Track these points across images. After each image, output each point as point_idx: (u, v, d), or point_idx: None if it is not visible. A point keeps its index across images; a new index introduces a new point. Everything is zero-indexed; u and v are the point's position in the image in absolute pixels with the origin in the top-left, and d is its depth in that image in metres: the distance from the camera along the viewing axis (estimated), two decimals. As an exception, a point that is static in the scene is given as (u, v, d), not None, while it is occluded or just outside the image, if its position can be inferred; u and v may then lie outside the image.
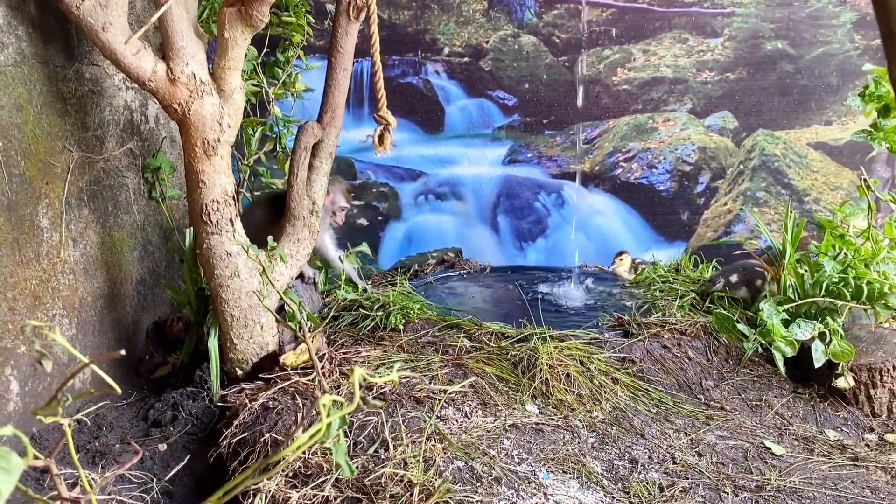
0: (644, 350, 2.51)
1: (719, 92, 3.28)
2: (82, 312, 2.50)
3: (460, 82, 3.37)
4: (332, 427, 0.84)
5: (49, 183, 2.32)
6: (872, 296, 2.37)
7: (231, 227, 2.41)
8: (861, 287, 2.36)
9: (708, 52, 3.23)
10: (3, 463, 0.63)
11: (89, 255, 2.54)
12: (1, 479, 0.63)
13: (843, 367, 2.32)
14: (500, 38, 3.29)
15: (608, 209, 3.48)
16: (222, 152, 2.39)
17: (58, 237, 2.37)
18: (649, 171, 3.42)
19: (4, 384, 2.11)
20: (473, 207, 3.53)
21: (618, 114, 3.36)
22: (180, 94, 2.27)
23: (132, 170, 2.85)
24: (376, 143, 2.36)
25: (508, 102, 3.39)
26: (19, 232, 2.18)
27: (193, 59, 2.29)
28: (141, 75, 2.23)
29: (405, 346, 2.46)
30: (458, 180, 3.49)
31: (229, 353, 2.47)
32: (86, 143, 2.53)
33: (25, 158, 2.21)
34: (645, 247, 3.49)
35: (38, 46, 2.29)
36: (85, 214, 2.52)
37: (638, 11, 3.21)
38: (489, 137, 3.44)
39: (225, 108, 2.37)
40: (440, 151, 3.43)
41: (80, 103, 2.51)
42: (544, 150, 3.43)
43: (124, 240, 2.78)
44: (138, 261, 2.88)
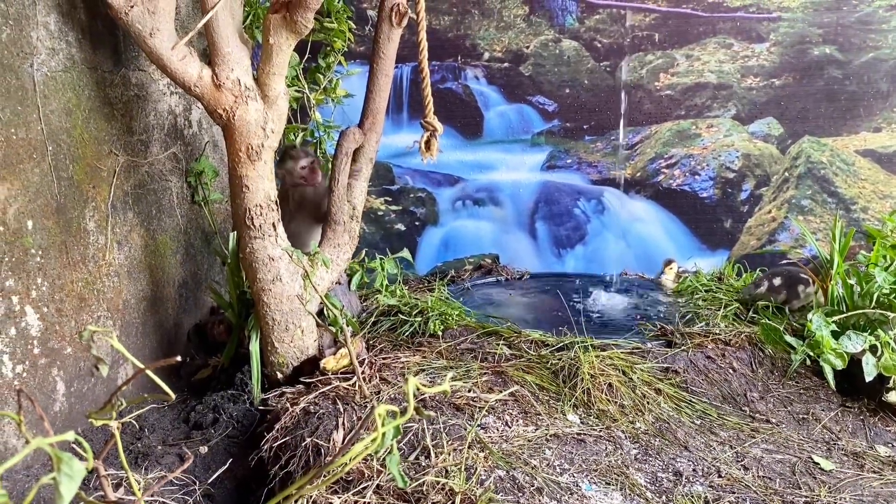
0: (687, 360, 2.47)
1: (764, 98, 3.22)
2: (126, 314, 2.53)
3: (500, 87, 3.35)
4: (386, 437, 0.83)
5: (96, 186, 2.36)
6: (927, 308, 2.30)
7: (274, 231, 2.42)
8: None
9: (753, 57, 3.18)
10: (66, 468, 0.63)
11: (133, 258, 2.58)
12: (64, 483, 0.63)
13: (895, 381, 2.25)
14: (541, 43, 3.27)
15: (649, 216, 3.43)
16: (266, 157, 2.40)
17: (104, 240, 2.40)
18: (692, 177, 3.37)
19: (51, 384, 2.15)
20: (511, 213, 3.51)
21: (660, 119, 3.32)
22: (225, 100, 2.29)
23: (176, 174, 2.88)
24: (423, 149, 2.36)
25: (548, 108, 3.36)
26: (67, 235, 2.21)
27: (238, 65, 2.30)
28: (187, 80, 2.26)
29: (444, 353, 2.44)
30: (496, 186, 3.47)
31: (270, 356, 2.48)
32: (131, 147, 2.56)
33: (74, 162, 2.25)
34: (687, 255, 3.44)
35: (87, 52, 2.33)
36: (130, 218, 2.56)
37: (681, 16, 3.16)
38: (528, 143, 3.41)
39: (269, 114, 2.38)
40: (478, 157, 3.41)
41: (127, 108, 2.54)
42: (584, 156, 3.40)
43: (167, 243, 2.82)
44: (181, 264, 2.92)
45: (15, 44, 2.00)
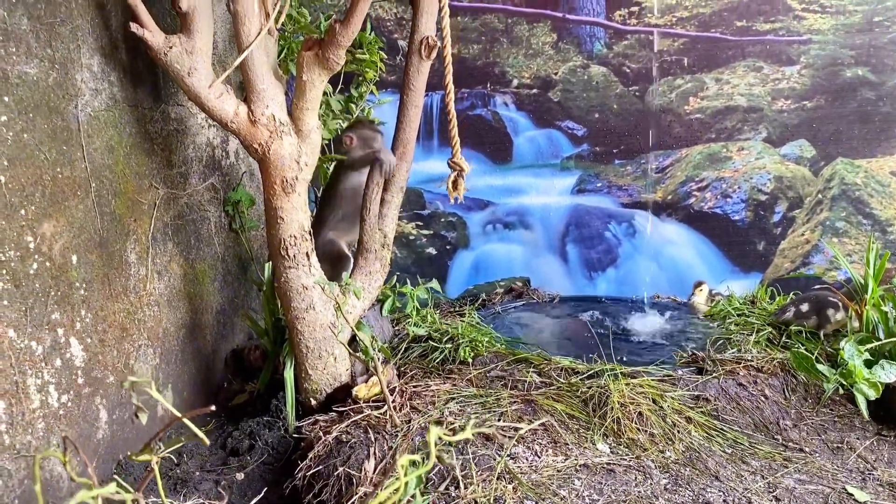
0: (719, 388, 2.46)
1: (796, 120, 3.20)
2: (165, 342, 2.61)
3: (529, 113, 3.39)
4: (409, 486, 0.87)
5: (137, 220, 2.45)
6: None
7: (307, 261, 2.48)
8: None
9: (783, 80, 3.17)
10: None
11: (173, 287, 2.66)
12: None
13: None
14: (570, 70, 3.30)
15: (681, 239, 3.43)
16: (300, 189, 2.47)
17: (144, 271, 2.49)
18: (723, 200, 3.36)
19: (94, 413, 2.23)
20: (542, 237, 3.53)
21: (690, 143, 3.32)
22: (261, 135, 2.36)
23: (214, 203, 2.97)
24: (450, 189, 2.40)
25: (577, 132, 3.38)
26: (109, 267, 2.30)
27: (273, 101, 2.38)
28: (224, 117, 2.34)
29: (474, 380, 2.47)
30: (526, 210, 3.50)
31: (304, 383, 2.54)
32: (171, 180, 2.65)
33: (116, 197, 2.33)
34: (720, 277, 3.42)
35: (129, 91, 2.42)
36: (169, 248, 2.64)
37: (710, 40, 3.17)
38: (558, 167, 3.44)
39: (303, 148, 2.45)
40: (508, 181, 3.45)
41: (166, 142, 2.63)
42: (614, 180, 3.41)
43: (206, 271, 2.90)
44: (218, 291, 2.99)
45: (60, 86, 2.09)
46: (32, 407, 1.97)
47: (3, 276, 1.87)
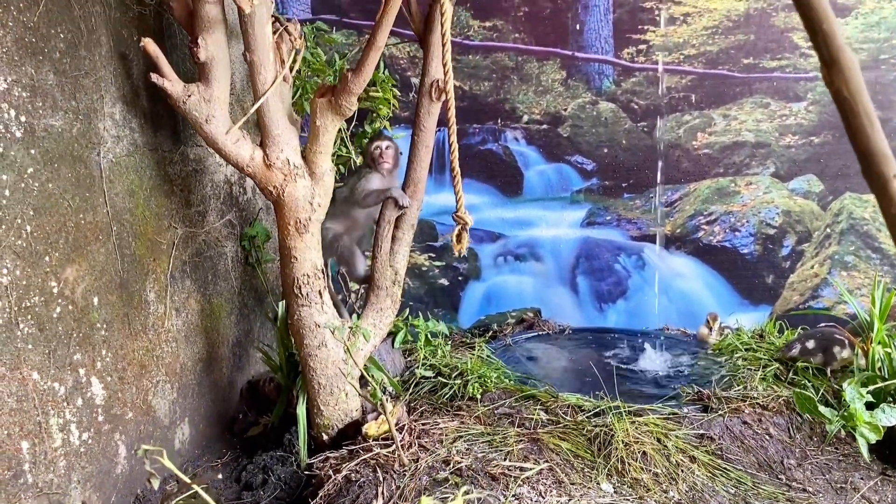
0: (723, 426, 2.49)
1: (803, 155, 3.23)
2: (183, 377, 2.69)
3: (539, 148, 3.45)
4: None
5: (156, 259, 2.53)
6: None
7: (320, 299, 2.55)
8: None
9: (791, 116, 3.20)
10: None
11: (190, 323, 2.74)
12: None
13: (936, 452, 2.24)
14: (579, 106, 3.36)
15: (690, 272, 3.46)
16: (313, 229, 2.54)
17: (163, 309, 2.57)
18: (732, 233, 3.39)
19: (114, 448, 2.30)
20: (552, 268, 3.58)
21: (699, 177, 3.36)
22: (275, 178, 2.44)
23: (231, 239, 3.05)
24: (454, 242, 2.45)
25: (587, 167, 3.44)
26: (129, 307, 2.38)
27: (287, 146, 2.46)
28: (240, 162, 2.42)
29: (482, 418, 2.52)
30: (536, 242, 3.55)
31: (316, 418, 2.60)
32: (189, 219, 2.74)
33: (136, 239, 2.42)
34: (729, 310, 3.45)
35: (149, 136, 2.51)
36: (187, 285, 2.72)
37: (717, 77, 3.22)
38: (567, 200, 3.49)
39: (316, 189, 2.53)
40: (519, 214, 3.51)
41: (185, 182, 2.72)
42: (624, 213, 3.46)
43: (222, 305, 2.98)
44: (234, 324, 3.07)
45: (84, 136, 2.19)
46: (55, 446, 2.05)
47: (28, 321, 1.95)
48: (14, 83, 1.91)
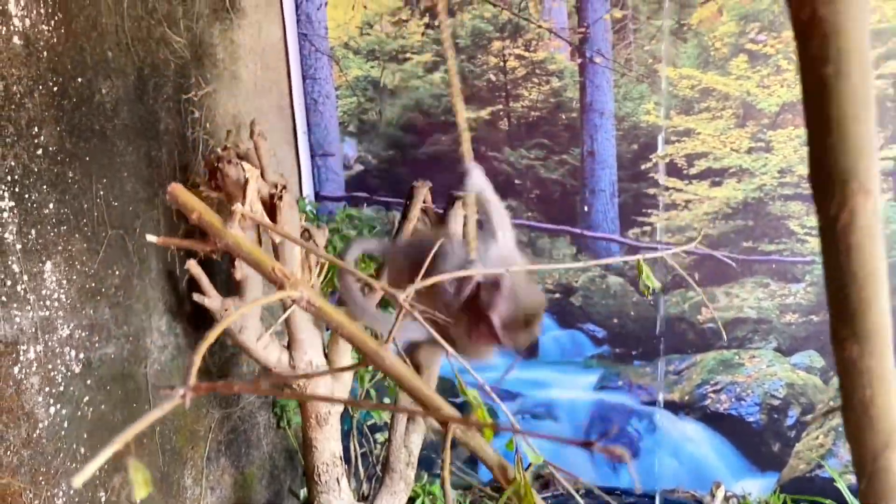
0: None
1: (804, 333, 3.39)
2: (215, 549, 2.95)
3: (553, 315, 3.68)
4: None
5: (194, 447, 2.83)
6: None
7: (338, 485, 2.80)
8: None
9: (790, 295, 3.37)
10: None
11: (223, 497, 3.01)
12: None
13: None
14: (589, 279, 3.60)
15: (699, 437, 3.60)
16: (332, 421, 2.81)
17: (199, 490, 2.85)
18: (738, 402, 3.53)
19: None
20: (568, 427, 3.77)
21: (704, 349, 3.53)
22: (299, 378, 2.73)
23: (264, 408, 3.34)
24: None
25: (598, 334, 3.65)
26: (168, 497, 2.67)
27: (312, 348, 2.75)
28: (269, 363, 2.72)
29: None
30: (552, 402, 3.75)
31: None
32: (226, 401, 3.04)
33: (176, 433, 2.72)
34: (737, 476, 3.57)
35: (191, 336, 2.84)
36: (222, 463, 3.01)
37: (718, 258, 3.42)
38: (581, 365, 3.70)
39: (335, 386, 2.81)
40: (536, 375, 3.72)
41: (223, 369, 3.03)
42: (634, 379, 3.64)
43: (254, 473, 3.25)
44: (265, 487, 3.34)
45: (133, 355, 2.51)
46: None
47: (78, 533, 2.25)
48: (75, 327, 2.25)
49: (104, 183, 2.40)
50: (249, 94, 3.27)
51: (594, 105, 3.43)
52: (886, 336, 0.73)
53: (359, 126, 3.68)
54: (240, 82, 3.20)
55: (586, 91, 3.46)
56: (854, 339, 0.73)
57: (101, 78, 2.39)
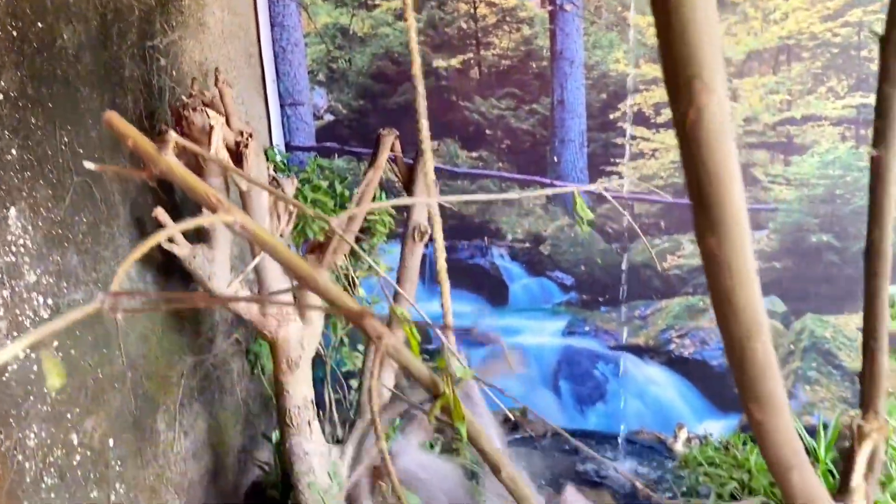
0: (670, 554, 2.74)
1: (767, 279, 3.47)
2: (190, 491, 3.02)
3: (522, 263, 3.74)
4: None
5: (166, 392, 2.87)
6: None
7: (309, 428, 2.87)
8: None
9: (754, 243, 3.45)
10: None
11: (198, 442, 3.07)
12: None
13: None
14: (558, 228, 3.65)
15: (663, 380, 3.71)
16: (303, 366, 2.86)
17: (172, 435, 2.91)
18: (702, 346, 3.63)
19: (125, 569, 2.64)
20: (537, 373, 3.86)
21: (669, 295, 3.61)
22: (270, 324, 2.77)
23: (237, 355, 3.39)
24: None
25: (566, 282, 3.72)
26: (141, 441, 2.72)
27: (282, 296, 2.79)
28: (238, 311, 2.75)
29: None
30: (521, 348, 3.83)
31: (308, 532, 2.92)
32: (198, 348, 3.08)
33: (148, 379, 2.77)
34: (700, 417, 3.69)
35: (161, 283, 2.86)
36: (195, 408, 3.06)
37: (685, 206, 3.48)
38: (549, 312, 3.77)
39: (306, 331, 2.85)
40: (505, 322, 3.79)
41: (195, 316, 3.07)
42: (601, 325, 3.72)
43: (228, 418, 3.31)
44: (240, 433, 3.41)
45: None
46: (72, 577, 2.39)
47: (52, 474, 2.30)
48: (42, 273, 2.27)
49: (68, 130, 2.39)
50: (216, 42, 3.24)
51: (564, 53, 3.43)
52: (742, 230, 0.77)
53: (328, 75, 3.66)
54: (206, 29, 3.17)
55: (556, 39, 3.46)
56: (712, 232, 0.77)
57: (63, 23, 2.36)
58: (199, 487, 3.07)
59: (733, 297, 0.81)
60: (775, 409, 0.94)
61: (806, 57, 3.24)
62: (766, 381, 0.90)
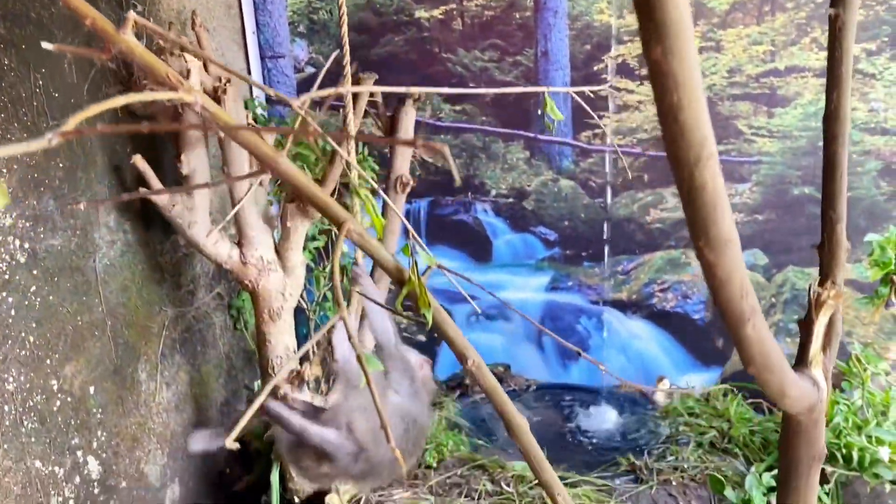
0: (650, 499, 2.77)
1: (749, 231, 3.48)
2: (173, 442, 3.02)
3: (506, 219, 3.73)
4: None
5: (147, 342, 2.86)
6: (863, 463, 2.54)
7: (291, 378, 2.87)
8: (851, 454, 2.54)
9: (737, 195, 3.45)
10: None
11: (180, 393, 3.07)
12: None
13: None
14: (541, 182, 3.64)
15: (646, 334, 3.73)
16: (285, 316, 2.86)
17: (154, 385, 2.90)
18: (684, 300, 3.65)
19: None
20: (520, 328, 3.87)
21: (652, 249, 3.62)
22: (251, 273, 2.76)
23: (219, 310, 3.38)
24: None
25: (550, 237, 3.72)
26: (122, 389, 2.71)
27: (262, 244, 2.77)
28: (219, 259, 2.74)
29: (434, 488, 2.83)
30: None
31: (288, 483, 2.92)
32: (179, 300, 3.07)
33: (128, 328, 2.75)
34: (682, 370, 3.72)
35: (141, 233, 2.84)
36: (177, 360, 3.05)
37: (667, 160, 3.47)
38: (533, 267, 3.77)
39: (288, 281, 2.84)
40: (489, 278, 3.79)
41: (176, 268, 3.05)
42: (584, 280, 3.73)
43: (211, 371, 3.31)
44: (223, 386, 3.40)
45: (81, 248, 2.51)
46: (54, 521, 2.39)
47: (31, 419, 2.29)
48: (18, 217, 2.24)
49: (43, 73, 2.35)
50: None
51: (548, 3, 3.40)
52: (688, 39, 0.74)
53: (309, 26, 3.61)
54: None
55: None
56: (657, 40, 0.74)
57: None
58: (181, 439, 3.07)
59: (680, 114, 0.78)
60: (726, 250, 0.91)
61: (790, 7, 3.22)
62: (716, 218, 0.87)
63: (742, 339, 1.11)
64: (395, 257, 1.25)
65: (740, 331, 1.09)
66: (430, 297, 1.21)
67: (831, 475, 2.59)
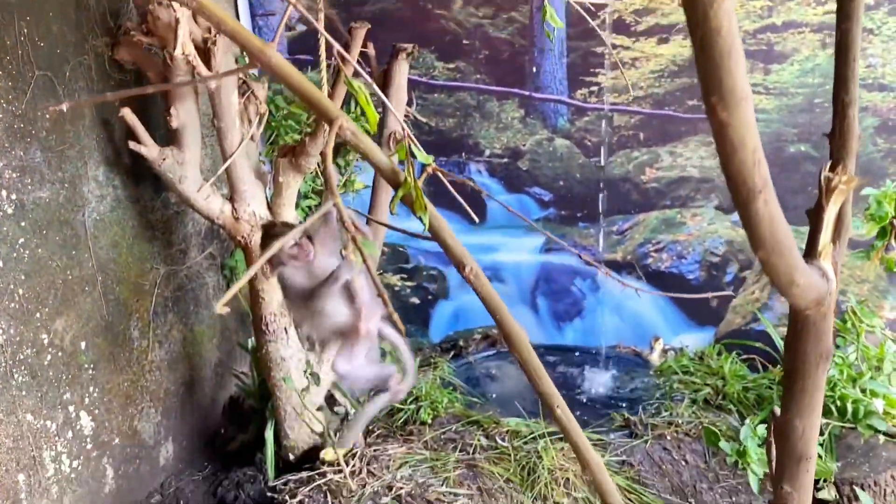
0: (644, 453, 2.77)
1: (744, 190, 3.46)
2: (166, 401, 3.01)
3: (500, 179, 3.70)
4: None
5: (139, 299, 2.83)
6: (857, 415, 2.55)
7: (286, 334, 2.85)
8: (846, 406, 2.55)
9: (732, 154, 3.43)
10: None
11: (173, 352, 3.05)
12: None
13: (825, 481, 2.51)
14: (536, 142, 3.61)
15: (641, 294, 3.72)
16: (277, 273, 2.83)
17: (146, 343, 2.88)
18: (679, 260, 3.64)
19: (102, 471, 2.63)
20: (514, 290, 3.86)
21: (647, 209, 3.60)
22: (243, 229, 2.73)
23: (212, 270, 3.35)
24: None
25: (545, 198, 3.69)
26: (114, 346, 2.69)
27: (254, 199, 2.74)
28: (211, 215, 2.70)
29: (429, 443, 2.82)
30: (499, 265, 3.82)
31: (283, 440, 2.92)
32: (171, 258, 3.04)
33: (120, 284, 2.72)
34: (676, 331, 3.72)
35: (131, 189, 2.80)
36: (170, 318, 3.03)
37: (664, 117, 3.44)
38: (527, 228, 3.75)
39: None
40: (483, 240, 3.77)
41: (167, 226, 3.01)
42: (579, 240, 3.71)
43: (204, 332, 3.28)
44: (216, 346, 3.38)
45: (70, 201, 2.48)
46: (48, 475, 2.38)
47: (22, 372, 2.27)
48: (5, 167, 2.20)
49: (28, 21, 2.29)
50: (182, -57, 3.11)
51: (542, -42, 3.34)
52: None
53: (300, -19, 3.55)
54: (171, -72, 3.03)
55: (535, -57, 3.36)
56: None
57: None
58: (175, 398, 3.06)
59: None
60: (740, 108, 0.87)
61: (788, -39, 3.18)
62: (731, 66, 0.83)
63: (752, 215, 1.05)
64: (391, 160, 1.22)
65: (751, 206, 1.03)
66: (425, 201, 1.18)
67: (825, 427, 2.60)
